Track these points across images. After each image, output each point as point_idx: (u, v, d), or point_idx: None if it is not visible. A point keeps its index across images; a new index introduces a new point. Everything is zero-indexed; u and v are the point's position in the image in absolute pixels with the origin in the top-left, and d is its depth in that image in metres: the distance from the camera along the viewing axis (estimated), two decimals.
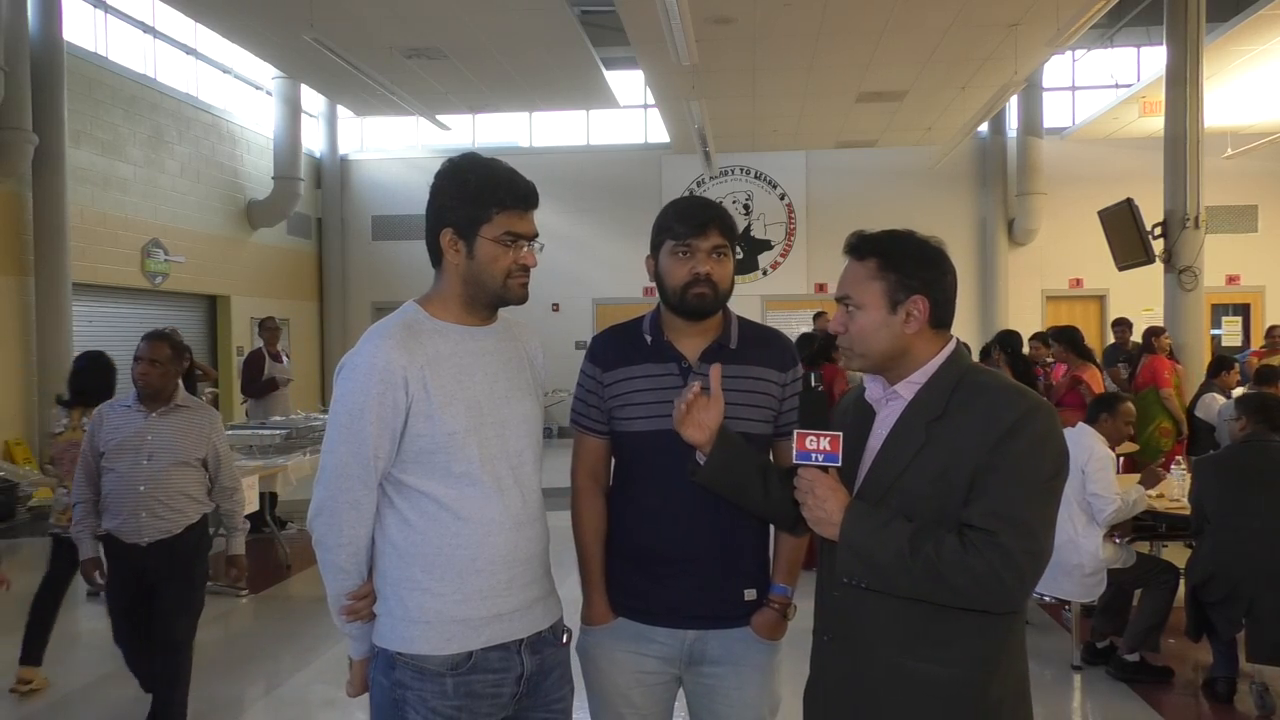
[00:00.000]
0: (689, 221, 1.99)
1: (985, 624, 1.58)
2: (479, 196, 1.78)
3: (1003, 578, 1.49)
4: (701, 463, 1.83)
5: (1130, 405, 4.62)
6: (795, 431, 1.64)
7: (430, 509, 1.77)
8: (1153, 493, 4.59)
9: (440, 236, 1.82)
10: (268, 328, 8.66)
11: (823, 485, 1.61)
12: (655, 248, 2.05)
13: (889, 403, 1.69)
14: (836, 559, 1.61)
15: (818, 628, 1.75)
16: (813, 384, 1.71)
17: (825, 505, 1.60)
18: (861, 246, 1.70)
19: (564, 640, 1.96)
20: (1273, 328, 8.73)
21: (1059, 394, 6.66)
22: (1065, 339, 6.88)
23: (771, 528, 2.08)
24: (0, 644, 4.57)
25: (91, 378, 4.53)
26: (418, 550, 1.77)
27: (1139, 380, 7.26)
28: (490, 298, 1.84)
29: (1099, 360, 7.66)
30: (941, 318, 1.67)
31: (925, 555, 1.51)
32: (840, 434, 1.62)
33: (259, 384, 8.38)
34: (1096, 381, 6.59)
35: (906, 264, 1.65)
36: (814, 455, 1.62)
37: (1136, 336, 8.84)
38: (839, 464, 1.62)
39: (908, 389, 1.66)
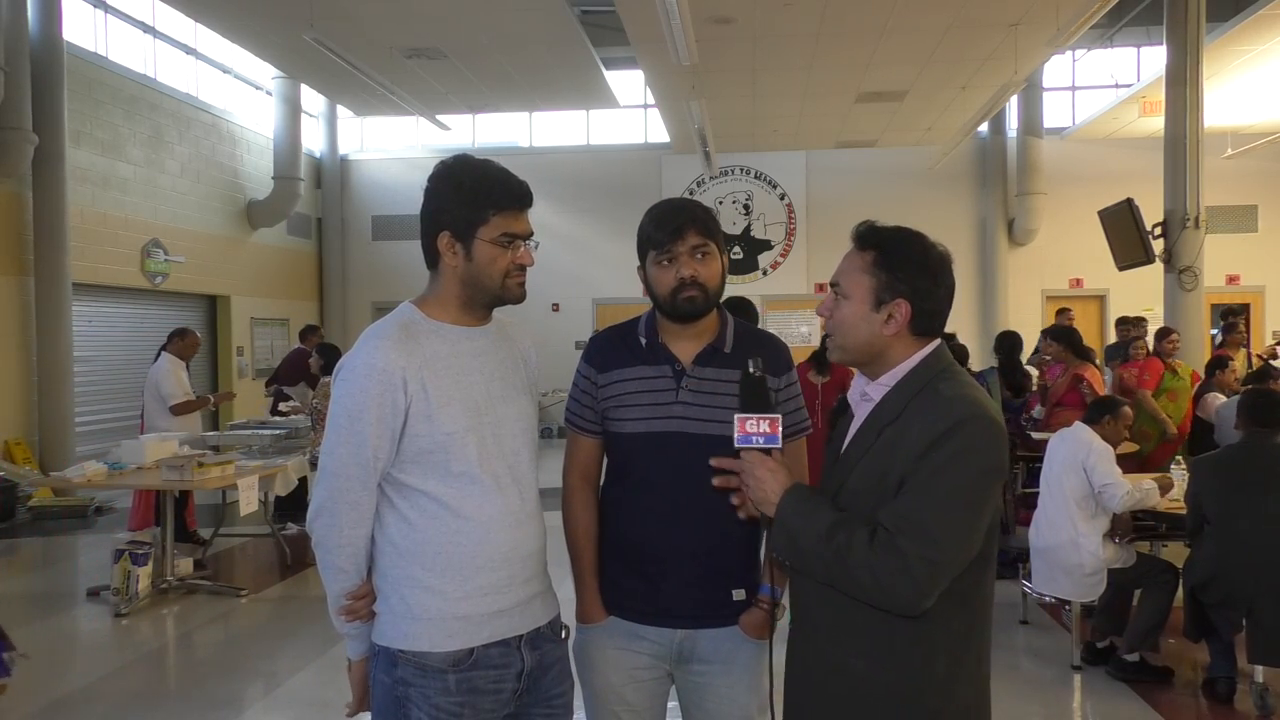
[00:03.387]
0: (665, 228, 1.98)
1: (921, 632, 1.56)
2: (474, 199, 1.79)
3: (897, 580, 1.50)
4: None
5: (1129, 409, 4.67)
6: (735, 416, 1.69)
7: (430, 508, 1.78)
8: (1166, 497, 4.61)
9: (437, 240, 1.82)
10: (317, 335, 9.35)
11: (763, 467, 1.66)
12: (641, 258, 2.05)
13: (862, 403, 1.71)
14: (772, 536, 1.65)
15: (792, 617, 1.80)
16: (751, 370, 1.72)
17: (764, 486, 1.64)
18: (866, 237, 1.69)
19: (563, 636, 1.97)
20: (1233, 320, 8.68)
21: (1058, 393, 6.65)
22: (1063, 339, 6.87)
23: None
24: None
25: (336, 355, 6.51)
26: (418, 549, 1.78)
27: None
28: (488, 298, 1.85)
29: (1098, 359, 7.66)
30: (924, 327, 1.65)
31: (837, 544, 1.54)
32: (779, 416, 1.68)
33: (307, 377, 8.38)
34: (1097, 380, 6.58)
35: (901, 267, 1.63)
36: (754, 438, 1.67)
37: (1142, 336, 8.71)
38: (780, 445, 1.67)
39: (877, 391, 1.67)
